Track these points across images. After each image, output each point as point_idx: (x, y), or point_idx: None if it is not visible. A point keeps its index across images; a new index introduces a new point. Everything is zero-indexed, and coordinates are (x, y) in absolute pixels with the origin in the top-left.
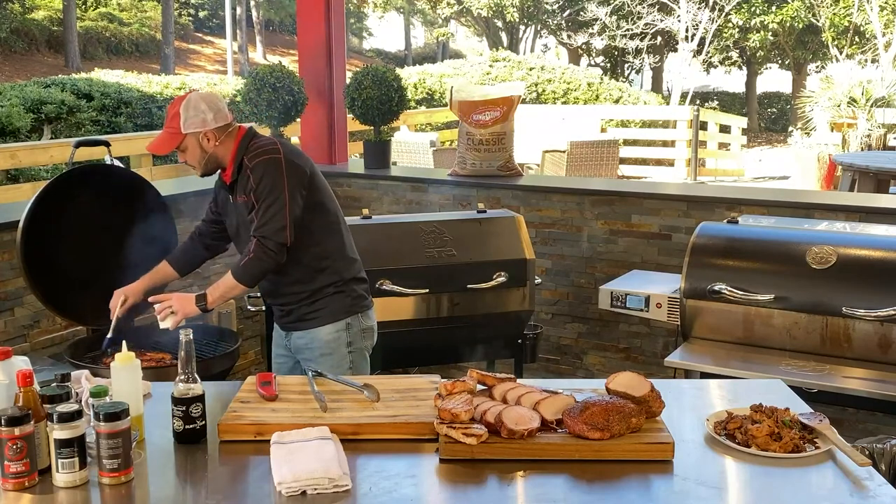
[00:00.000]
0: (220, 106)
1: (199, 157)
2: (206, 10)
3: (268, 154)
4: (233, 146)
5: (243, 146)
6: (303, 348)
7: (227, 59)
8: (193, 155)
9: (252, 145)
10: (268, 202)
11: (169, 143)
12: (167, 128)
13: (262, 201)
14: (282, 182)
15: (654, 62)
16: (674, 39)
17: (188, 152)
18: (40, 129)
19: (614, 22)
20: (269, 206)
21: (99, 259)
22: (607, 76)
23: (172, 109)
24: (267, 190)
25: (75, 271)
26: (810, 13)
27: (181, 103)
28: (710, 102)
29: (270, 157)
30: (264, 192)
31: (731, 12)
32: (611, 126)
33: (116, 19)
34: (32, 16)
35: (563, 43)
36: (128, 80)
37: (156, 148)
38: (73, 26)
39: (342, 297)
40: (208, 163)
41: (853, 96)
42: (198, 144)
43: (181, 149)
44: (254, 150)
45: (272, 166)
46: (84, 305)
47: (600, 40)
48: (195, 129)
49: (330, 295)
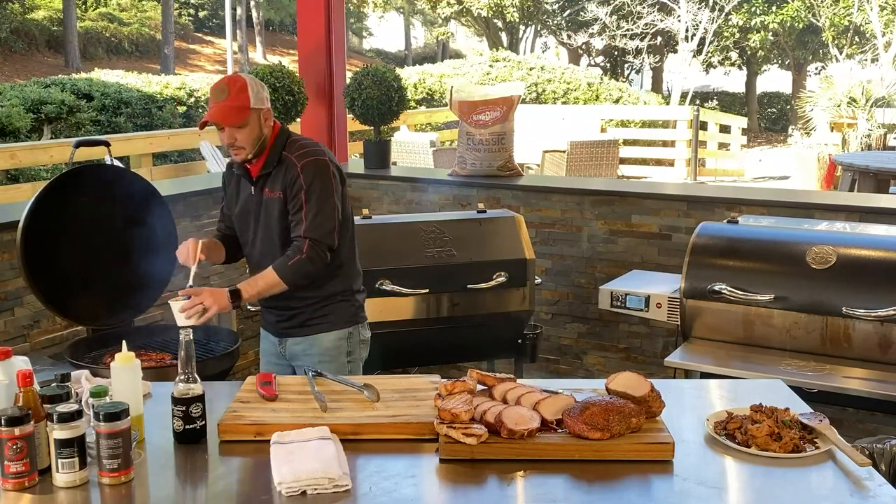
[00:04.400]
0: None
1: (255, 137)
2: (206, 10)
3: (317, 156)
4: (269, 138)
5: (281, 141)
6: (300, 354)
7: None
8: (251, 133)
9: (295, 143)
10: (319, 204)
11: (238, 116)
12: (234, 101)
13: (312, 203)
14: (331, 186)
15: (654, 62)
16: (674, 39)
17: (246, 130)
18: (40, 129)
19: (614, 22)
20: (321, 208)
21: (99, 259)
22: (607, 76)
23: (236, 84)
24: (319, 192)
25: (75, 271)
26: (810, 13)
27: (246, 78)
28: (710, 102)
29: (321, 160)
30: (316, 194)
31: (731, 12)
32: (611, 126)
33: (116, 19)
34: (32, 16)
35: (563, 43)
36: (128, 80)
37: (223, 117)
38: (73, 26)
39: (348, 305)
40: (259, 144)
41: (853, 96)
42: (258, 123)
43: (241, 125)
44: (301, 150)
45: (323, 169)
46: (84, 305)
47: (600, 40)
48: (260, 106)
49: (337, 302)
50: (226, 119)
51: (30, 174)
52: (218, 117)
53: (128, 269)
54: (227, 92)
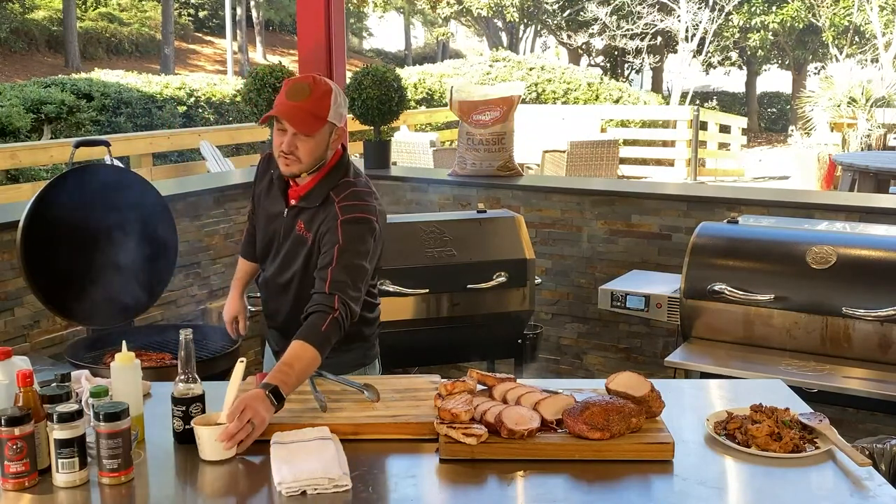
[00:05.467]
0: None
1: (318, 155)
2: (206, 10)
3: (363, 213)
4: (328, 163)
5: (336, 177)
6: None
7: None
8: (316, 148)
9: (347, 189)
10: (354, 264)
11: (313, 124)
12: (313, 105)
13: (344, 260)
14: (367, 249)
15: (654, 62)
16: (674, 39)
17: (311, 142)
18: (40, 129)
19: (614, 22)
20: (354, 269)
21: (99, 259)
22: (607, 76)
23: (320, 87)
24: (354, 253)
25: (75, 271)
26: (810, 13)
27: (334, 89)
28: (710, 102)
29: (365, 218)
30: (349, 255)
31: (731, 12)
32: (611, 126)
33: (116, 19)
34: (32, 16)
35: (563, 43)
36: (128, 80)
37: (296, 121)
38: (73, 26)
39: (357, 351)
40: (317, 162)
41: (853, 96)
42: (327, 139)
43: (310, 135)
44: (350, 200)
45: (368, 233)
46: (84, 306)
47: (600, 40)
48: (336, 122)
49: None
50: (298, 123)
51: (30, 174)
52: (289, 118)
53: (128, 269)
54: (309, 94)
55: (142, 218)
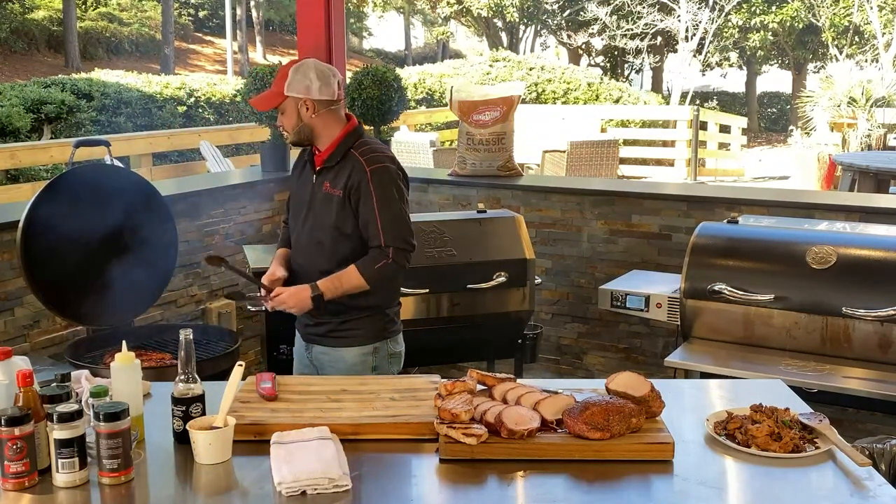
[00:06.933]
0: (331, 81)
1: (293, 124)
2: (206, 10)
3: (388, 163)
4: (337, 130)
5: (352, 139)
6: (326, 365)
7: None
8: (290, 119)
9: (365, 144)
10: (394, 212)
11: (269, 102)
12: (273, 85)
13: (385, 211)
14: (402, 192)
15: (654, 62)
16: (674, 39)
17: (286, 116)
18: (40, 129)
19: (614, 22)
20: (395, 215)
21: (99, 259)
22: (607, 76)
23: (283, 70)
24: (391, 200)
25: (75, 271)
26: (810, 13)
27: (293, 66)
28: (710, 102)
29: (392, 168)
30: (388, 202)
31: (731, 12)
32: (611, 126)
33: (116, 19)
34: (32, 16)
35: (563, 43)
36: (128, 80)
37: (257, 103)
38: (73, 26)
39: (376, 320)
40: (302, 132)
41: (853, 96)
42: (296, 110)
43: (281, 110)
44: (371, 153)
45: (393, 177)
46: (84, 305)
47: (600, 40)
48: (296, 94)
49: (364, 317)
50: (258, 103)
51: (30, 174)
52: (255, 100)
53: (128, 269)
54: (273, 78)
55: (141, 218)
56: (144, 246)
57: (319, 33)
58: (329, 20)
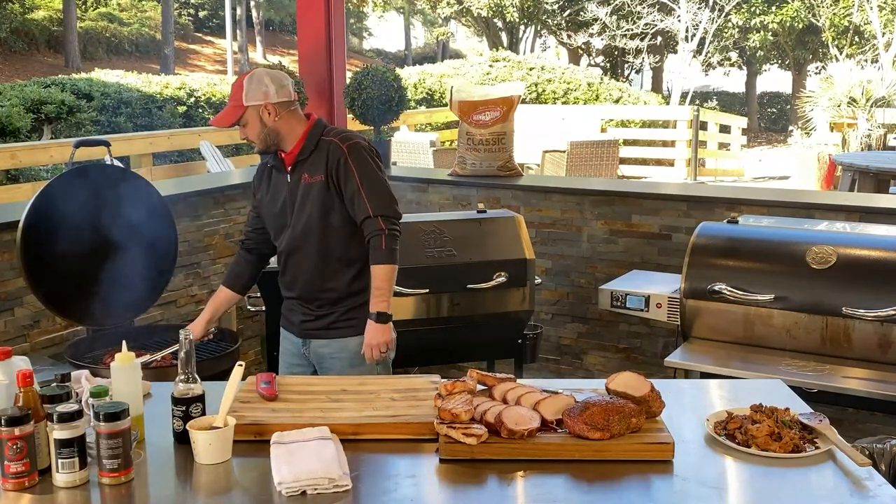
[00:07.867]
0: (285, 83)
1: (258, 132)
2: (206, 10)
3: (360, 140)
4: (301, 128)
5: (318, 129)
6: (327, 357)
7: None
8: (254, 129)
9: (334, 129)
10: (375, 182)
11: (231, 116)
12: (231, 100)
13: (368, 183)
14: (380, 165)
15: (654, 62)
16: (674, 39)
17: (248, 126)
18: (40, 129)
19: (614, 22)
20: (375, 184)
21: (99, 259)
22: (607, 76)
23: (237, 83)
24: (371, 172)
25: (75, 271)
26: (810, 13)
27: (246, 77)
28: (710, 102)
29: (364, 144)
30: (369, 175)
31: (731, 12)
32: (611, 126)
33: (116, 19)
34: (32, 16)
35: (563, 43)
36: (128, 80)
37: (219, 121)
38: (73, 26)
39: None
40: (268, 138)
41: (853, 96)
42: (258, 118)
43: (242, 123)
44: (342, 133)
45: (368, 152)
46: (84, 306)
47: (600, 40)
48: (256, 102)
49: (362, 303)
50: (219, 121)
51: (30, 174)
52: (216, 119)
53: (128, 268)
54: (230, 93)
55: (142, 218)
56: (144, 246)
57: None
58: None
